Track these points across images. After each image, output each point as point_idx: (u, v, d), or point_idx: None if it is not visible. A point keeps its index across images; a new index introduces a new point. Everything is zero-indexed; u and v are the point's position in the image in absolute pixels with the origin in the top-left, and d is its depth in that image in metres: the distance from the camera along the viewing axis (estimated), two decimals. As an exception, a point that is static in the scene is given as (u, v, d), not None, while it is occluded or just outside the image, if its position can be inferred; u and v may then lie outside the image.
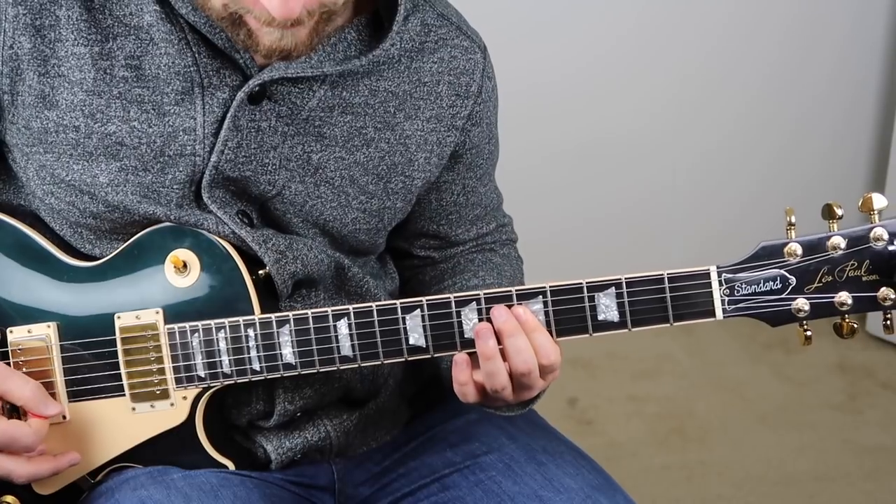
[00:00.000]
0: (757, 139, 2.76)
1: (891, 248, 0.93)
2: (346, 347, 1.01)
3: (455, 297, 0.99)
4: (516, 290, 0.99)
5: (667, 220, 2.80)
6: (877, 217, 0.94)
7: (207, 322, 1.03)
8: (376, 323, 1.00)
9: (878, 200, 0.93)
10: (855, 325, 0.96)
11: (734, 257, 0.97)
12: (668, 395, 2.41)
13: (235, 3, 0.95)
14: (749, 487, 2.10)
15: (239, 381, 1.04)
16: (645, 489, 2.06)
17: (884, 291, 0.94)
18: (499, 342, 0.98)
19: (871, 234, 0.94)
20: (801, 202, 2.94)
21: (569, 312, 0.98)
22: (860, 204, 0.94)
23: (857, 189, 2.81)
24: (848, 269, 0.94)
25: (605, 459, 1.21)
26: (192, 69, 1.02)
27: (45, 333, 1.05)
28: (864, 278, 0.94)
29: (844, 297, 0.94)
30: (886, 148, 2.68)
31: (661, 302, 0.97)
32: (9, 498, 1.06)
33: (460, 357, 1.00)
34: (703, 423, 2.31)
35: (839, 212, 0.94)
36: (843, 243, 0.94)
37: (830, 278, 0.94)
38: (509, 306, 0.98)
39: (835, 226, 0.95)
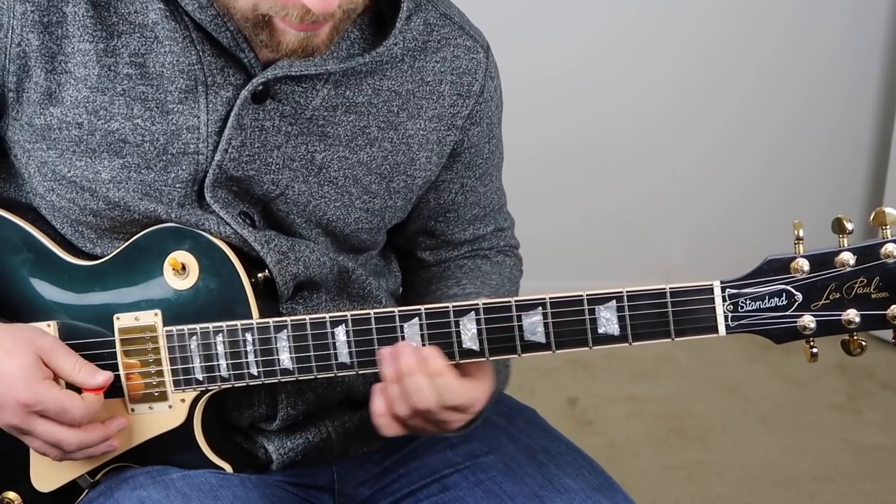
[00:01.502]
0: (757, 137, 2.75)
1: (902, 265, 0.91)
2: (343, 354, 1.00)
3: (454, 307, 0.98)
4: (516, 301, 0.97)
5: (666, 218, 2.79)
6: (888, 232, 0.91)
7: (206, 325, 1.02)
8: (374, 330, 0.99)
9: (892, 215, 0.90)
10: (864, 343, 0.94)
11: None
12: (668, 395, 2.41)
13: (267, 2, 0.94)
14: (749, 487, 2.10)
15: (237, 385, 1.03)
16: (645, 489, 2.06)
17: (893, 309, 0.91)
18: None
19: (882, 251, 0.91)
20: (800, 200, 2.92)
21: (568, 325, 0.97)
22: (872, 217, 0.91)
23: (857, 187, 2.80)
24: (857, 286, 0.91)
25: (605, 459, 1.21)
26: (196, 67, 1.01)
27: None
28: (873, 296, 0.91)
29: (852, 314, 0.92)
30: (887, 144, 2.67)
31: (663, 317, 0.95)
32: (10, 495, 1.06)
33: (377, 386, 1.00)
34: (703, 423, 2.31)
35: (849, 226, 0.91)
36: (852, 259, 0.91)
37: (838, 295, 0.92)
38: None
39: (844, 240, 0.92)
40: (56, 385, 0.99)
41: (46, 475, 1.06)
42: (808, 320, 0.93)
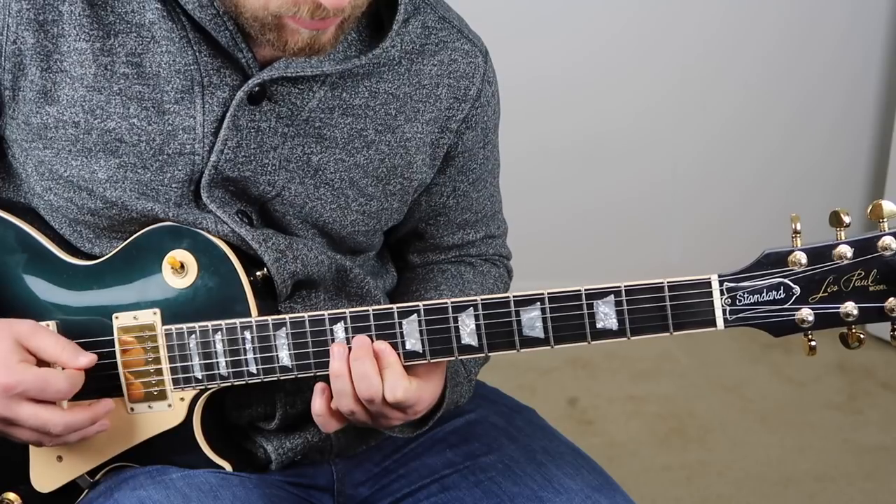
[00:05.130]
0: (757, 134, 2.75)
1: (900, 257, 0.90)
2: None
3: (452, 303, 0.98)
4: (514, 297, 0.97)
5: (666, 216, 2.79)
6: (885, 225, 0.91)
7: (204, 324, 1.02)
8: (373, 327, 0.99)
9: (889, 207, 0.90)
10: (862, 336, 0.93)
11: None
12: (668, 395, 2.41)
13: (278, 1, 0.94)
14: (749, 487, 2.10)
15: (236, 383, 1.03)
16: (645, 489, 2.06)
17: (891, 302, 0.91)
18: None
19: (880, 243, 0.90)
20: (800, 198, 2.91)
21: (567, 320, 0.97)
22: (869, 210, 0.91)
23: (857, 185, 2.80)
24: (854, 278, 0.91)
25: (605, 459, 1.21)
26: (192, 68, 1.01)
27: None
28: (871, 288, 0.91)
29: (850, 307, 0.92)
30: (887, 140, 2.67)
31: (661, 311, 0.95)
32: (10, 495, 1.06)
33: (319, 385, 1.01)
34: (703, 423, 2.31)
35: (846, 219, 0.91)
36: (849, 252, 0.91)
37: (836, 288, 0.91)
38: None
39: (842, 234, 0.92)
40: (32, 365, 0.98)
41: (46, 475, 1.06)
42: (806, 313, 0.93)
